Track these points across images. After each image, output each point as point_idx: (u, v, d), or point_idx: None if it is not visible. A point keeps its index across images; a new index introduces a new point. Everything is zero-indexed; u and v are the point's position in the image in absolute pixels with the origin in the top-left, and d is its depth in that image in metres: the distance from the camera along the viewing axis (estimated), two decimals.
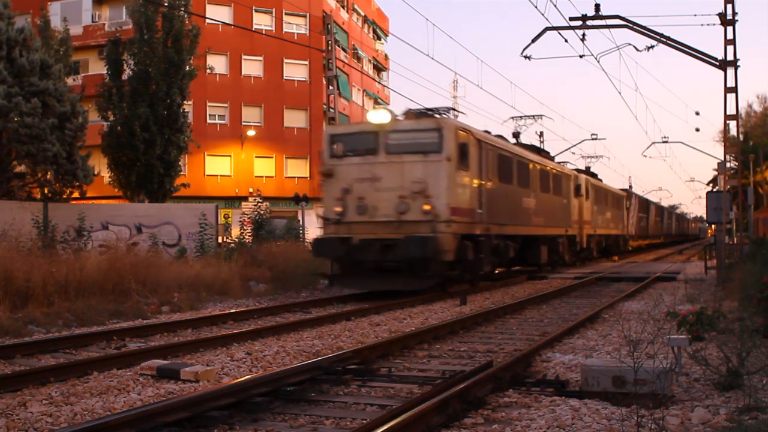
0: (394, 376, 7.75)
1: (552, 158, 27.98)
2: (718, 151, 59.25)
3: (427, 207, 15.65)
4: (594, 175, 37.66)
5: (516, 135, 28.64)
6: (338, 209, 16.39)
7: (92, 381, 7.37)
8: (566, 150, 44.94)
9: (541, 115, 31.03)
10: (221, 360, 8.53)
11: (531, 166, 23.46)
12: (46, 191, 23.23)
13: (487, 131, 20.03)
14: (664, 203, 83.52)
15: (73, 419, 5.92)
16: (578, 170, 33.52)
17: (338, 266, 16.98)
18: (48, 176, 22.69)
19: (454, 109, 18.06)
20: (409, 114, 17.44)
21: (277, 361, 8.53)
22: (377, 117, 17.00)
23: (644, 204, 56.42)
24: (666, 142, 47.64)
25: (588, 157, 48.10)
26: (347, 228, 16.28)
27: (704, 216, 36.11)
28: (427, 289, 16.35)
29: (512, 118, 30.53)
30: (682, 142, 74.63)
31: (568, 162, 36.26)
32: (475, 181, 17.62)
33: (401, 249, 15.26)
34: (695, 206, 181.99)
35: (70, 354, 9.32)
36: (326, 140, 17.27)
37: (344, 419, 6.01)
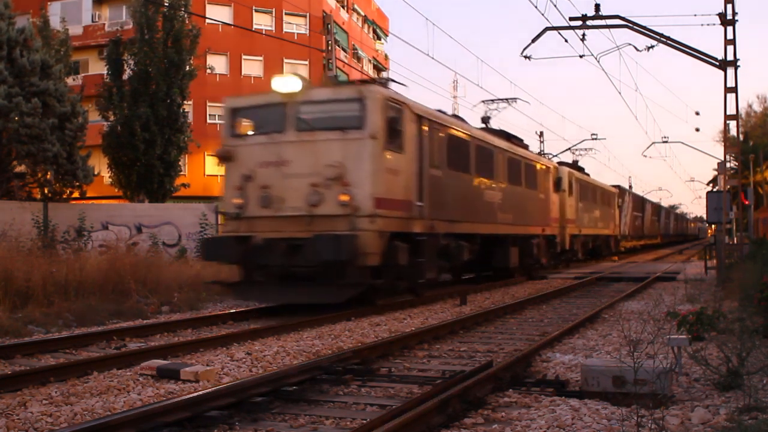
0: (394, 376, 7.75)
1: (526, 147, 24.58)
2: (718, 151, 59.30)
3: (344, 198, 12.62)
4: (581, 170, 35.09)
5: (485, 120, 24.98)
6: (238, 201, 13.41)
7: (92, 381, 7.37)
8: (566, 150, 44.80)
9: (515, 98, 27.33)
10: (221, 360, 8.53)
11: (497, 153, 20.04)
12: (46, 191, 23.27)
13: (441, 111, 17.10)
14: (664, 203, 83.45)
15: (73, 419, 5.92)
16: (562, 163, 30.82)
17: (242, 272, 13.75)
18: (48, 176, 22.72)
19: (394, 81, 15.32)
20: (327, 81, 15.30)
21: (277, 361, 8.53)
22: (285, 84, 13.47)
23: (639, 202, 54.28)
24: (666, 142, 47.68)
25: (576, 149, 44.31)
26: (248, 224, 13.33)
27: (704, 216, 36.12)
28: (342, 302, 12.82)
29: (483, 101, 27.07)
30: (682, 142, 74.75)
31: (550, 154, 33.70)
32: (413, 167, 14.29)
33: (309, 251, 12.29)
34: (695, 206, 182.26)
35: (70, 354, 9.32)
36: (226, 115, 14.22)
37: (344, 419, 6.01)
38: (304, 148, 13.07)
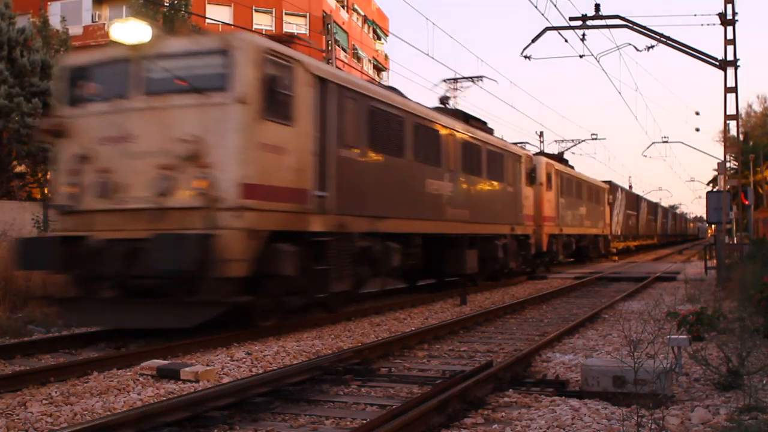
0: (394, 376, 7.75)
1: (490, 131, 20.84)
2: (718, 151, 59.35)
3: (199, 184, 9.51)
4: (564, 162, 32.05)
5: (444, 100, 21.21)
6: (71, 190, 10.28)
7: (92, 381, 7.37)
8: (566, 150, 44.77)
9: (481, 77, 23.51)
10: (221, 360, 8.53)
11: (446, 135, 16.58)
12: (46, 191, 23.26)
13: (374, 80, 14.32)
14: (665, 203, 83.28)
15: (73, 419, 5.92)
16: (541, 154, 27.83)
17: (75, 284, 10.57)
18: (48, 176, 22.72)
19: (301, 39, 12.70)
20: (186, 29, 11.44)
21: (277, 361, 8.53)
22: (127, 32, 10.14)
23: (633, 200, 51.52)
24: (666, 142, 47.63)
25: (561, 141, 40.77)
26: (84, 221, 10.19)
27: (704, 216, 36.10)
28: (194, 327, 9.65)
29: (444, 80, 23.56)
30: (682, 142, 74.72)
31: (527, 143, 29.64)
32: (309, 144, 10.93)
33: (150, 256, 9.24)
34: (695, 206, 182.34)
35: (70, 354, 9.31)
36: (61, 77, 10.95)
37: (344, 419, 6.01)
38: (153, 117, 9.89)
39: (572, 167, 32.85)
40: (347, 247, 12.01)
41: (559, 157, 32.29)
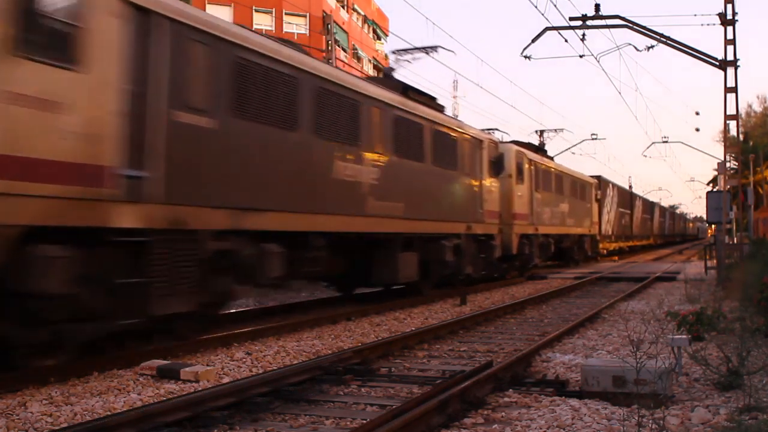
0: (394, 376, 7.76)
1: (440, 109, 17.28)
2: (718, 151, 59.36)
3: None
4: (543, 153, 29.04)
5: (387, 72, 18.20)
6: None
7: (92, 381, 7.37)
8: (566, 150, 44.69)
9: (436, 47, 19.06)
10: (221, 360, 8.54)
11: (369, 107, 13.10)
12: None
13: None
14: (665, 203, 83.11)
15: (73, 419, 5.92)
16: (516, 143, 24.17)
17: None
18: None
19: None
20: None
21: (277, 361, 8.54)
22: None
23: (626, 197, 48.44)
24: (666, 142, 47.70)
25: (543, 131, 36.40)
26: None
27: (704, 216, 36.08)
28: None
29: (393, 51, 19.93)
30: (682, 142, 74.62)
31: (509, 134, 26.66)
32: (104, 98, 7.72)
33: None
34: (695, 206, 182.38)
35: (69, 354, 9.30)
36: None
37: (344, 419, 6.01)
38: None
39: (551, 158, 29.70)
40: (188, 251, 8.74)
41: (538, 148, 28.66)
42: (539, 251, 24.69)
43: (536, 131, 36.24)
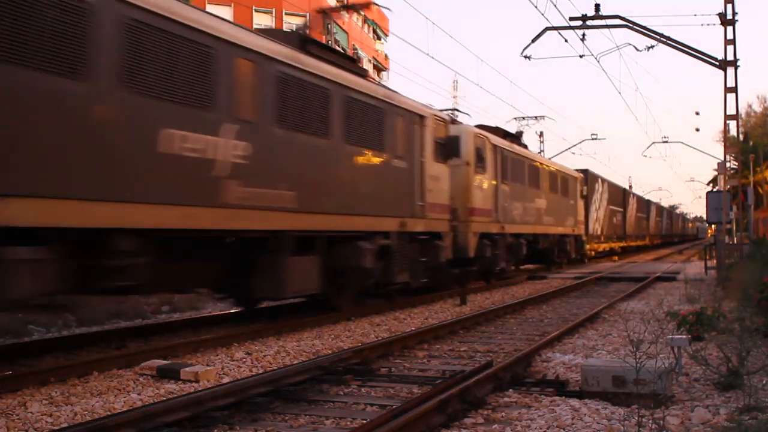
0: (394, 376, 7.76)
1: (361, 74, 13.72)
2: (718, 151, 59.36)
3: None
4: (518, 141, 24.98)
5: (300, 29, 15.88)
6: None
7: (92, 381, 7.37)
8: (566, 150, 44.66)
9: (368, 3, 16.27)
10: (221, 360, 8.54)
11: (225, 56, 9.42)
12: None
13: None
14: (665, 203, 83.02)
15: (73, 419, 5.92)
16: (482, 126, 20.75)
17: None
18: None
19: None
20: None
21: (277, 361, 8.53)
22: None
23: (618, 194, 43.93)
24: (666, 142, 47.76)
25: (522, 118, 33.56)
26: None
27: (704, 216, 36.06)
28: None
29: (318, 11, 16.73)
30: (682, 142, 74.77)
31: (502, 127, 23.69)
32: None
33: None
34: (695, 206, 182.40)
35: (70, 354, 9.31)
36: None
37: (344, 419, 6.01)
38: None
39: (526, 146, 26.10)
40: None
41: (510, 134, 24.20)
42: (507, 254, 20.91)
43: (514, 118, 34.49)
